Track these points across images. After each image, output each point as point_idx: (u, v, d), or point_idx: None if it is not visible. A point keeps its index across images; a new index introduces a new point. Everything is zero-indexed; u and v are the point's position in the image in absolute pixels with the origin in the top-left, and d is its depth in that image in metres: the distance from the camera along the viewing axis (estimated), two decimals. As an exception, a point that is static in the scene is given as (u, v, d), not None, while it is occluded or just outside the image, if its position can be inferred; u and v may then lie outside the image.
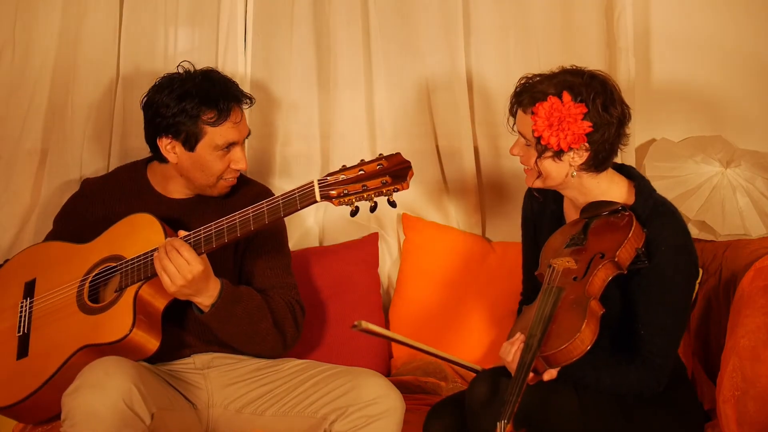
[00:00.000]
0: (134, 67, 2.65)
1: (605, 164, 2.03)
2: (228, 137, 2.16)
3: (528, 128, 2.00)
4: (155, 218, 2.11)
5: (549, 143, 1.95)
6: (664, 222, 1.99)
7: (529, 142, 2.01)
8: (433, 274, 2.70)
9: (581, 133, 1.94)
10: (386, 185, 1.89)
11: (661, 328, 1.96)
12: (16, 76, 2.62)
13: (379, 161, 1.92)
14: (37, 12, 2.61)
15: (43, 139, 2.65)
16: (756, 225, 2.53)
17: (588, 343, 1.83)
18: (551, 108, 1.95)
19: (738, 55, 2.81)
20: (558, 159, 1.99)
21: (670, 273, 1.95)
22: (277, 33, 2.70)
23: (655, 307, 1.95)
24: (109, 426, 1.83)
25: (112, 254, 2.11)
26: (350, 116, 2.74)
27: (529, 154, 2.03)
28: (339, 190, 1.90)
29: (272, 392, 2.14)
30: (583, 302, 1.86)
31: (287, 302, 2.21)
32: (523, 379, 1.78)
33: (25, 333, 2.14)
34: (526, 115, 2.01)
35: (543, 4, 2.71)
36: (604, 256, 1.90)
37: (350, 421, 2.01)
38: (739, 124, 2.81)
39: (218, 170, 2.18)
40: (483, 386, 1.94)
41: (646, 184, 2.07)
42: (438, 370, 2.56)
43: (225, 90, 2.17)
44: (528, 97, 2.01)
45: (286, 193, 1.96)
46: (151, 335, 2.05)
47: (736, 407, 2.09)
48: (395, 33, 2.73)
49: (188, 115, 2.13)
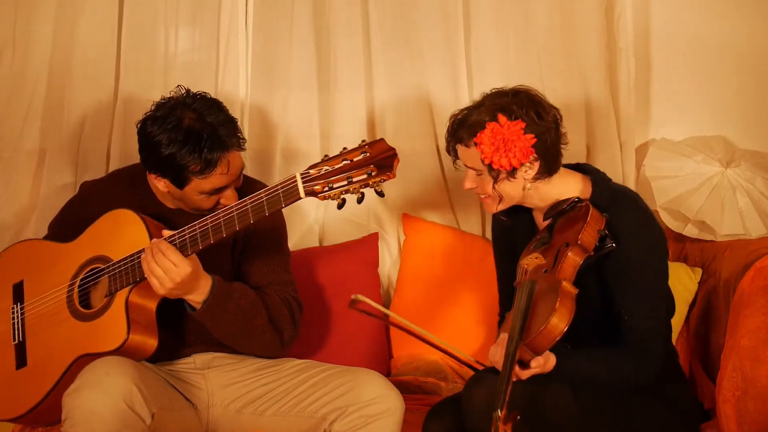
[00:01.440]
0: (135, 67, 2.65)
1: (555, 168, 2.09)
2: (215, 185, 2.09)
3: (475, 159, 2.05)
4: (137, 215, 2.08)
5: (501, 166, 2.00)
6: (624, 208, 2.03)
7: (480, 171, 2.06)
8: (433, 273, 2.70)
9: (527, 147, 2.00)
10: (372, 176, 1.81)
11: (642, 310, 1.99)
12: (16, 76, 2.62)
13: (363, 149, 1.83)
14: (37, 12, 2.61)
15: (42, 139, 2.65)
16: (756, 225, 2.53)
17: (566, 322, 1.85)
18: (492, 133, 2.00)
19: (738, 55, 2.81)
20: (512, 177, 2.05)
21: (636, 256, 1.99)
22: (277, 33, 2.70)
23: (630, 291, 1.99)
24: (109, 426, 1.83)
25: (98, 255, 2.09)
26: (350, 116, 2.74)
27: (483, 182, 2.08)
28: (323, 185, 1.83)
29: (272, 392, 2.14)
30: (556, 286, 1.89)
31: (284, 299, 2.19)
32: (509, 369, 1.78)
33: (20, 341, 2.13)
34: (469, 148, 2.06)
35: (543, 5, 2.71)
36: (569, 244, 1.95)
37: (350, 421, 2.01)
38: (739, 124, 2.81)
39: (206, 207, 2.13)
40: (479, 387, 1.95)
41: (601, 176, 2.11)
42: (438, 370, 2.56)
43: (215, 139, 2.05)
44: (465, 131, 2.06)
45: (269, 189, 1.90)
46: (148, 335, 2.04)
47: (736, 407, 2.09)
48: (395, 33, 2.72)
49: (177, 164, 2.05)
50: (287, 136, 2.75)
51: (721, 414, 2.12)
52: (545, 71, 2.73)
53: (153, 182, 2.16)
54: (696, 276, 2.52)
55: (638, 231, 2.01)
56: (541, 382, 1.93)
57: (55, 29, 2.61)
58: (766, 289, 2.19)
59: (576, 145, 2.76)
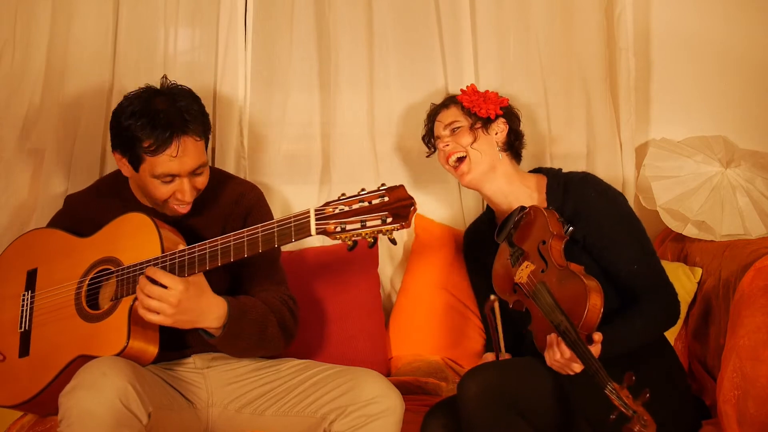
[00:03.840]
0: (134, 66, 2.64)
1: (518, 153, 2.42)
2: (165, 169, 2.06)
3: (453, 115, 2.38)
4: (153, 223, 2.06)
5: (480, 110, 2.34)
6: (578, 187, 2.25)
7: (456, 124, 2.36)
8: (442, 274, 2.69)
9: (500, 103, 2.37)
10: (386, 223, 1.76)
11: (638, 255, 2.18)
12: (16, 76, 2.62)
13: (382, 194, 1.78)
14: (37, 12, 2.61)
15: (43, 139, 2.64)
16: (756, 225, 2.53)
17: (599, 291, 1.99)
18: (472, 90, 2.41)
19: (738, 55, 2.82)
20: (486, 131, 2.34)
21: (606, 218, 2.19)
22: (277, 33, 2.70)
23: (620, 247, 2.18)
24: (105, 425, 1.83)
25: (109, 256, 2.09)
26: (351, 116, 2.73)
27: (458, 141, 2.34)
28: (336, 224, 1.78)
29: (272, 392, 2.14)
30: (566, 272, 2.05)
31: (281, 299, 2.18)
32: (587, 351, 1.88)
33: (26, 330, 2.14)
34: (448, 109, 2.40)
35: (543, 4, 2.71)
36: (546, 240, 2.11)
37: (349, 421, 2.00)
38: (739, 124, 2.81)
39: (161, 196, 2.10)
40: (473, 380, 1.97)
41: (554, 172, 2.35)
42: (438, 370, 2.56)
43: (172, 119, 2.04)
44: (443, 102, 2.43)
45: (282, 221, 1.86)
46: (149, 343, 2.04)
47: (737, 407, 2.09)
48: (398, 32, 2.73)
49: (132, 136, 2.05)
50: (287, 136, 2.75)
51: (721, 414, 2.12)
52: (545, 71, 2.73)
53: (119, 166, 2.15)
54: (695, 276, 2.52)
55: (596, 198, 2.22)
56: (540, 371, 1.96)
57: (52, 30, 2.60)
58: (766, 289, 2.19)
59: (576, 145, 2.76)
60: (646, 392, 1.79)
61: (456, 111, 2.38)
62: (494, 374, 2.00)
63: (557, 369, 1.96)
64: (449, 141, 2.35)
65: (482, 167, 2.32)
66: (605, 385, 1.82)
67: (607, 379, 1.82)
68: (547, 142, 2.74)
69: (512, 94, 2.71)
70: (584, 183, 2.26)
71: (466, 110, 2.35)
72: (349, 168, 2.74)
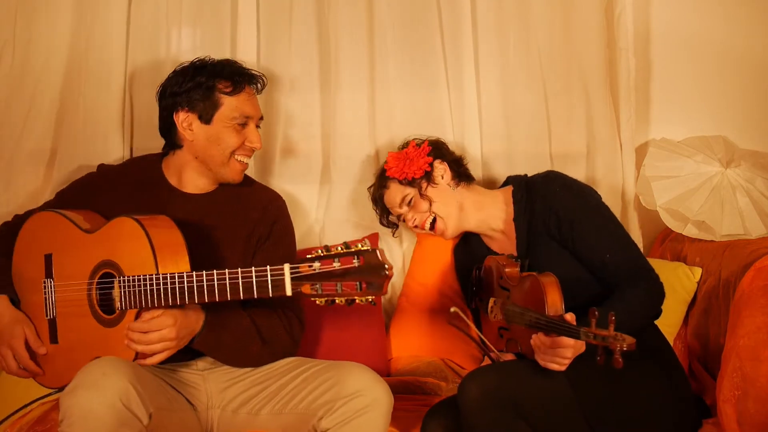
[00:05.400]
0: (141, 67, 2.65)
1: (467, 175, 2.47)
2: (244, 109, 2.21)
3: (400, 191, 2.43)
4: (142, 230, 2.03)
5: (415, 175, 2.39)
6: (541, 186, 2.29)
7: (407, 198, 2.42)
8: (444, 277, 2.68)
9: (425, 154, 2.41)
10: (360, 292, 1.76)
11: (611, 247, 2.19)
12: (17, 76, 2.62)
13: (357, 254, 1.75)
14: (38, 12, 2.61)
15: (43, 139, 2.64)
16: (756, 225, 2.53)
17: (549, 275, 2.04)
18: (394, 160, 2.44)
19: (738, 55, 2.82)
20: (433, 184, 2.40)
21: (576, 213, 2.21)
22: (277, 33, 2.70)
23: (592, 239, 2.20)
24: (106, 425, 1.83)
25: (109, 259, 2.08)
26: (351, 116, 2.73)
27: (417, 206, 2.42)
28: (311, 285, 1.78)
29: (265, 390, 2.14)
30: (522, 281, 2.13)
31: (284, 321, 2.21)
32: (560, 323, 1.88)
33: (52, 318, 2.16)
34: (389, 188, 2.46)
35: (543, 4, 2.71)
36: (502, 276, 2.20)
37: (336, 417, 1.99)
38: (739, 124, 2.81)
39: (233, 144, 2.21)
40: (473, 382, 1.98)
41: (518, 178, 2.40)
42: (438, 370, 2.56)
43: (239, 68, 2.24)
44: (378, 184, 2.49)
45: (260, 272, 1.85)
46: None
47: (737, 407, 2.09)
48: (399, 32, 2.72)
49: (204, 86, 2.19)
50: (287, 136, 2.75)
51: (721, 414, 2.12)
52: (546, 71, 2.73)
53: (181, 131, 2.21)
54: (695, 276, 2.52)
55: (561, 193, 2.25)
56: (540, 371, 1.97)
57: (54, 30, 2.61)
58: (766, 289, 2.19)
59: (576, 145, 2.76)
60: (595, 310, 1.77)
61: (397, 187, 2.44)
62: (495, 376, 2.00)
63: (552, 367, 1.95)
64: (412, 215, 2.43)
65: (453, 214, 2.39)
66: (579, 333, 1.79)
67: (578, 328, 1.80)
68: (547, 142, 2.74)
69: (512, 94, 2.72)
70: (547, 181, 2.29)
71: (405, 181, 2.41)
72: (350, 168, 2.74)
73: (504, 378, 2.00)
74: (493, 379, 1.98)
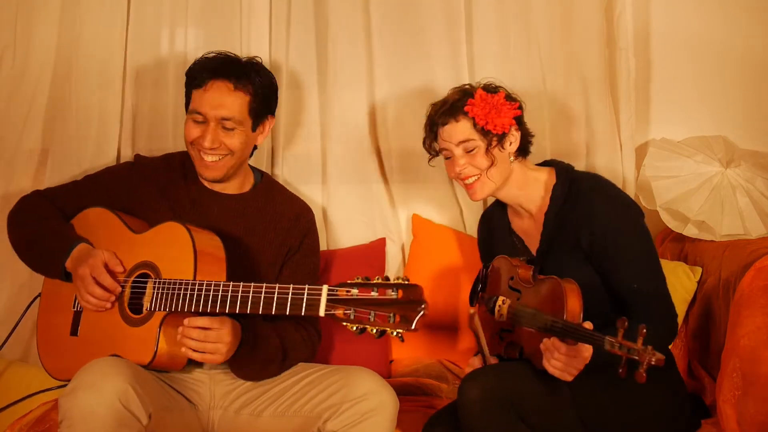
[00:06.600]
0: (141, 67, 2.65)
1: (527, 149, 2.25)
2: (195, 105, 2.17)
3: (466, 130, 2.17)
4: (189, 238, 2.05)
5: (495, 126, 2.14)
6: (587, 195, 2.14)
7: (471, 144, 2.16)
8: (440, 276, 2.69)
9: (513, 112, 2.18)
10: (392, 324, 1.78)
11: (641, 276, 2.08)
12: (17, 76, 2.62)
13: (397, 288, 1.80)
14: (38, 12, 2.61)
15: (44, 139, 2.64)
16: (756, 225, 2.53)
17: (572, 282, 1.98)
18: (482, 99, 2.16)
19: (738, 55, 2.82)
20: (501, 147, 2.18)
21: (614, 232, 2.09)
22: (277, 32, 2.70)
23: (623, 263, 2.08)
24: (105, 426, 1.83)
25: (149, 261, 2.09)
26: (351, 116, 2.73)
27: (475, 156, 2.17)
28: (344, 310, 1.82)
29: (269, 392, 2.14)
30: (539, 284, 2.06)
31: (305, 336, 2.21)
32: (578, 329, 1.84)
33: (79, 311, 2.17)
34: (458, 122, 2.17)
35: (543, 4, 2.71)
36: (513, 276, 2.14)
37: (342, 420, 2.00)
38: (739, 124, 2.81)
39: (188, 137, 2.19)
40: (473, 383, 1.97)
41: (564, 167, 2.24)
42: (438, 372, 2.56)
43: (215, 64, 2.19)
44: (449, 110, 2.19)
45: (297, 289, 1.89)
46: (175, 359, 2.05)
47: (736, 407, 2.10)
48: (396, 31, 2.72)
49: (188, 74, 2.21)
50: (287, 136, 2.75)
51: (721, 414, 2.12)
52: (546, 71, 2.73)
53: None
54: (695, 276, 2.52)
55: (603, 211, 2.11)
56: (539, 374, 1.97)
57: (58, 30, 2.61)
58: (766, 289, 2.19)
59: (576, 145, 2.76)
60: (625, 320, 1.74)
61: (467, 127, 2.16)
62: (495, 378, 1.99)
63: (559, 375, 1.93)
64: (464, 163, 2.18)
65: (498, 184, 2.21)
66: (603, 341, 1.76)
67: (603, 336, 1.77)
68: (547, 142, 2.74)
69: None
70: (591, 190, 2.16)
71: (479, 128, 2.15)
72: (349, 168, 2.74)
73: (504, 379, 1.99)
74: (494, 381, 1.97)
